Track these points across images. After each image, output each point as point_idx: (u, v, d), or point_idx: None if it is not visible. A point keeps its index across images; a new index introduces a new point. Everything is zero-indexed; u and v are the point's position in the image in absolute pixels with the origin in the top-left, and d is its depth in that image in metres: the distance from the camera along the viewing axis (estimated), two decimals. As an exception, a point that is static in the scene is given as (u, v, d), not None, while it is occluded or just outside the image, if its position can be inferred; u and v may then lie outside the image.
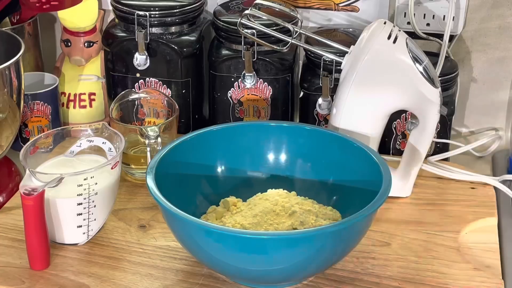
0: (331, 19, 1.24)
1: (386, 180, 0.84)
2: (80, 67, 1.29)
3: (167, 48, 1.15)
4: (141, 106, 1.11)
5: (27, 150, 0.91)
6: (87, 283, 0.86)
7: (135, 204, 1.01)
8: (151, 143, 1.00)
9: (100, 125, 0.97)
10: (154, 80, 1.17)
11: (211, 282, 0.86)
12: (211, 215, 0.91)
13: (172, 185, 0.88)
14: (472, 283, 0.86)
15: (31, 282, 0.87)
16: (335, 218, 0.90)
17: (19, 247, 0.92)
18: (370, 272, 0.88)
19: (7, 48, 1.02)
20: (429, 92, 0.96)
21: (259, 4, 1.06)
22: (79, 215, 0.90)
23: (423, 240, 0.94)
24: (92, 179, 0.89)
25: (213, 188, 0.95)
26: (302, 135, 0.96)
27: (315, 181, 0.96)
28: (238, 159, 0.96)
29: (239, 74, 1.14)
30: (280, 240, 0.77)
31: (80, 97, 1.28)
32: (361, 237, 0.83)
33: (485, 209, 1.00)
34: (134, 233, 0.95)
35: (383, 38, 0.95)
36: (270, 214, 0.87)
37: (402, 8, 1.16)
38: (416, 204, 1.01)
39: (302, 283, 0.86)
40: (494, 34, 1.19)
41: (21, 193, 0.84)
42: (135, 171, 1.07)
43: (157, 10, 1.13)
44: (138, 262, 0.90)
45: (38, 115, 1.18)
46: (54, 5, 1.19)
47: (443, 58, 1.09)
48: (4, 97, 0.99)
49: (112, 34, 1.17)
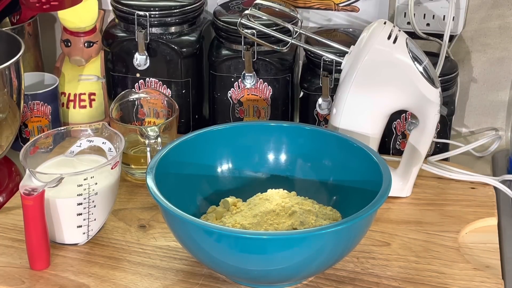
0: (331, 19, 1.24)
1: (386, 180, 0.84)
2: (80, 67, 1.29)
3: (167, 48, 1.15)
4: (141, 106, 1.11)
5: (27, 150, 0.91)
6: (87, 283, 0.86)
7: (135, 204, 1.02)
8: (151, 143, 1.00)
9: (100, 125, 0.97)
10: (154, 80, 1.17)
11: (211, 282, 0.86)
12: (211, 215, 0.91)
13: (172, 185, 0.88)
14: (472, 283, 0.86)
15: (31, 282, 0.87)
16: (335, 218, 0.90)
17: (19, 247, 0.92)
18: (370, 272, 0.88)
19: (7, 48, 1.02)
20: (429, 92, 0.96)
21: (259, 4, 1.06)
22: (79, 215, 0.90)
23: (423, 240, 0.94)
24: (92, 179, 0.89)
25: (213, 188, 0.95)
26: (302, 135, 0.96)
27: (315, 181, 0.96)
28: (238, 159, 0.97)
29: (239, 74, 1.14)
30: (280, 240, 0.77)
31: (80, 97, 1.28)
32: (361, 237, 0.83)
33: (485, 209, 1.00)
34: (134, 233, 0.95)
35: (383, 38, 0.95)
36: (270, 214, 0.87)
37: (402, 8, 1.16)
38: (416, 204, 1.01)
39: (302, 283, 0.86)
40: (494, 34, 1.19)
41: (21, 193, 0.84)
42: (135, 171, 1.07)
43: (157, 10, 1.13)
44: (138, 262, 0.90)
45: (38, 115, 1.18)
46: (54, 5, 1.19)
47: (443, 58, 1.09)
48: (4, 97, 0.99)
49: (112, 34, 1.17)
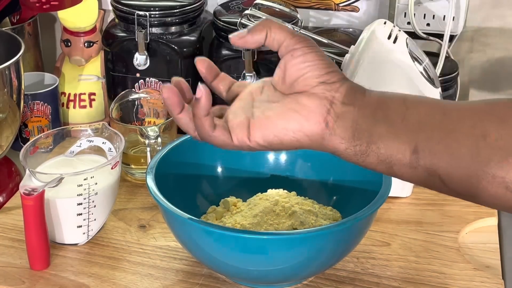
0: (331, 19, 1.24)
1: (386, 180, 0.84)
2: (80, 67, 1.29)
3: (167, 48, 1.15)
4: (141, 106, 1.11)
5: (27, 150, 0.91)
6: (87, 283, 0.86)
7: (135, 204, 1.02)
8: (151, 143, 1.01)
9: (100, 125, 0.97)
10: (154, 80, 1.17)
11: (211, 282, 0.86)
12: (211, 215, 0.91)
13: (172, 185, 0.88)
14: (472, 283, 0.86)
15: (31, 282, 0.87)
16: (335, 218, 0.90)
17: (19, 247, 0.92)
18: (370, 272, 0.88)
19: (7, 48, 1.02)
20: (429, 92, 0.96)
21: (259, 4, 1.06)
22: (79, 215, 0.90)
23: (423, 240, 0.94)
24: (92, 179, 0.89)
25: (213, 188, 0.95)
26: (302, 135, 0.96)
27: (315, 181, 0.96)
28: (238, 159, 0.96)
29: (239, 74, 1.13)
30: (280, 240, 0.77)
31: (80, 97, 1.28)
32: (361, 237, 0.83)
33: (485, 209, 1.00)
34: (134, 233, 0.95)
35: (383, 38, 0.95)
36: (270, 214, 0.87)
37: (402, 8, 1.16)
38: (416, 204, 1.01)
39: (302, 283, 0.86)
40: (494, 34, 1.19)
41: (21, 193, 0.84)
42: (135, 171, 1.07)
43: (157, 10, 1.13)
44: (138, 262, 0.90)
45: (38, 115, 1.18)
46: (54, 5, 1.19)
47: (443, 58, 1.09)
48: (4, 97, 0.98)
49: (112, 34, 1.17)
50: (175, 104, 0.65)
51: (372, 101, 0.64)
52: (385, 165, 0.64)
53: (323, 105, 0.64)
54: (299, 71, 0.64)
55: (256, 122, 0.65)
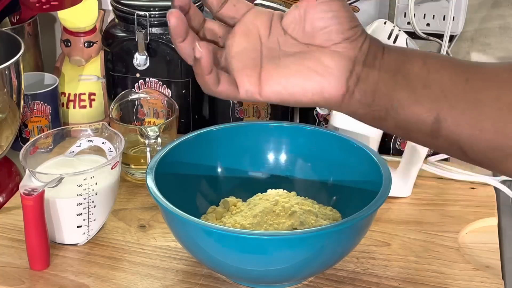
0: (331, 19, 1.24)
1: (386, 180, 0.84)
2: (80, 67, 1.29)
3: (167, 48, 1.15)
4: (141, 106, 1.11)
5: (27, 150, 0.91)
6: (87, 283, 0.86)
7: (135, 204, 1.02)
8: (151, 143, 1.00)
9: (100, 125, 0.97)
10: (154, 80, 1.17)
11: (211, 282, 0.86)
12: (211, 215, 0.91)
13: (172, 185, 0.88)
14: (472, 283, 0.86)
15: (31, 282, 0.87)
16: (335, 218, 0.90)
17: (19, 247, 0.92)
18: (370, 272, 0.88)
19: (7, 48, 1.02)
20: (429, 92, 0.95)
21: (259, 4, 1.06)
22: (79, 215, 0.90)
23: (423, 240, 0.94)
24: (92, 179, 0.89)
25: (213, 188, 0.95)
26: (302, 135, 0.96)
27: (315, 181, 0.96)
28: (238, 159, 0.96)
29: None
30: (280, 240, 0.77)
31: (80, 97, 1.28)
32: (361, 237, 0.83)
33: (485, 209, 1.00)
34: (134, 233, 0.95)
35: (383, 38, 0.95)
36: (270, 214, 0.87)
37: (402, 8, 1.16)
38: (416, 204, 1.01)
39: (302, 283, 0.86)
40: (494, 34, 1.19)
41: (21, 193, 0.84)
42: (135, 171, 1.07)
43: (157, 10, 1.13)
44: (138, 262, 0.90)
45: (38, 115, 1.18)
46: (54, 5, 1.19)
47: (443, 58, 1.09)
48: (4, 97, 0.98)
49: (112, 34, 1.17)
50: (181, 32, 0.61)
51: (392, 62, 0.61)
52: (403, 131, 0.61)
53: (346, 67, 0.60)
54: (323, 21, 0.60)
55: (268, 76, 0.60)
